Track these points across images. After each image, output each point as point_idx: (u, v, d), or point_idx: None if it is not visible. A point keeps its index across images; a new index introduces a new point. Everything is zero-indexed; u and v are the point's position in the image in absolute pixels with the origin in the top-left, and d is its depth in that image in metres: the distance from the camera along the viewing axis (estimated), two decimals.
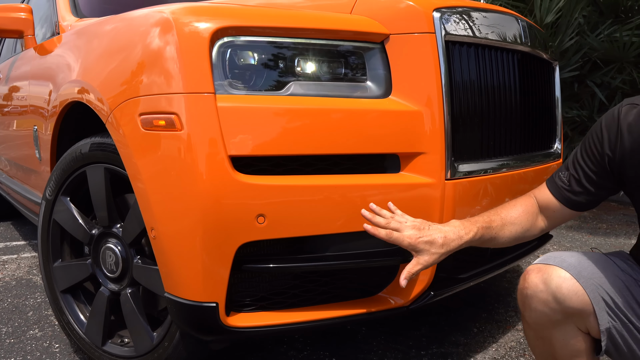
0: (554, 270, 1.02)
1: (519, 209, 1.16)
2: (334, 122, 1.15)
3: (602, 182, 1.08)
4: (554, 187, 1.14)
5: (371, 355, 1.70)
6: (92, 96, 1.36)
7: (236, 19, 1.15)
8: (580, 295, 0.99)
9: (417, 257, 1.09)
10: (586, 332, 1.04)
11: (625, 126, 1.02)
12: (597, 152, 1.07)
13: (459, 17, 1.33)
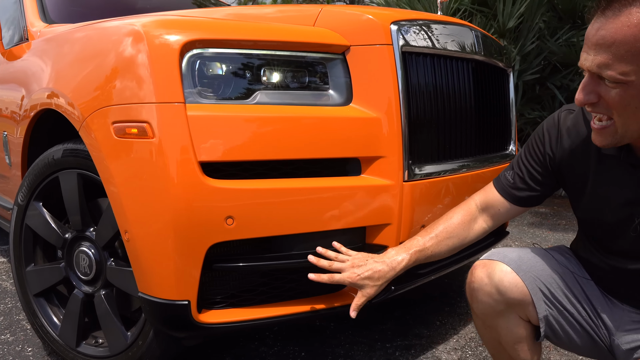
0: (496, 265, 1.11)
1: (454, 221, 1.25)
2: (298, 129, 1.23)
3: (544, 180, 1.18)
4: (500, 186, 1.23)
5: (339, 349, 1.78)
6: (64, 104, 1.40)
7: (205, 32, 1.21)
8: (520, 287, 1.09)
9: (361, 291, 1.22)
10: (527, 320, 1.14)
11: (565, 129, 1.12)
12: (539, 152, 1.17)
13: (415, 29, 1.43)
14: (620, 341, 1.09)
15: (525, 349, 1.14)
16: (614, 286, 1.12)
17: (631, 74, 0.84)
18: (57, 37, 1.64)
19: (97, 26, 1.39)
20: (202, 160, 1.16)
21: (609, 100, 0.89)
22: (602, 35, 0.85)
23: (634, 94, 0.86)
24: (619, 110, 0.89)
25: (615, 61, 0.85)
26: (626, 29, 0.83)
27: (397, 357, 1.73)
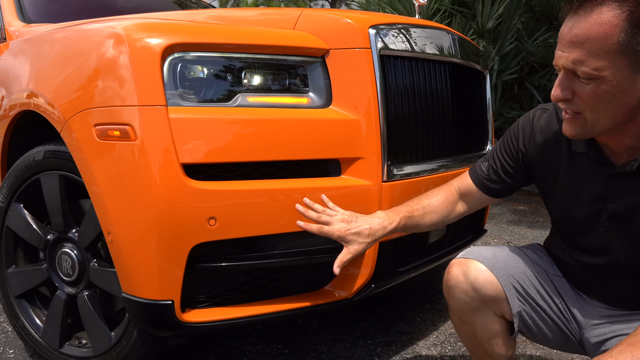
0: (472, 263, 1.16)
1: (440, 198, 1.29)
2: (279, 131, 1.26)
3: (516, 174, 1.23)
4: (475, 176, 1.28)
5: (321, 346, 1.81)
6: (45, 105, 1.40)
7: (186, 36, 1.23)
8: (494, 285, 1.13)
9: (347, 247, 1.20)
10: (501, 316, 1.18)
11: (538, 128, 1.17)
12: (513, 147, 1.22)
13: (393, 33, 1.46)
14: (590, 335, 1.14)
15: (500, 343, 1.19)
16: (584, 282, 1.17)
17: (604, 69, 0.89)
18: (37, 38, 1.64)
19: (78, 28, 1.40)
20: (185, 162, 1.18)
21: (583, 96, 0.93)
22: (576, 33, 0.90)
23: (607, 89, 0.90)
24: (591, 105, 0.93)
25: (588, 57, 0.89)
26: (597, 26, 0.88)
27: (378, 354, 1.77)
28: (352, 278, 1.40)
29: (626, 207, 1.03)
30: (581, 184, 1.09)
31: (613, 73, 0.89)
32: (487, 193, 1.27)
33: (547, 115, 1.17)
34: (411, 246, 1.66)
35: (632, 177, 1.01)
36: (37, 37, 1.63)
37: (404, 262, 1.61)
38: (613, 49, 0.88)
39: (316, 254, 1.34)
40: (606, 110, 0.93)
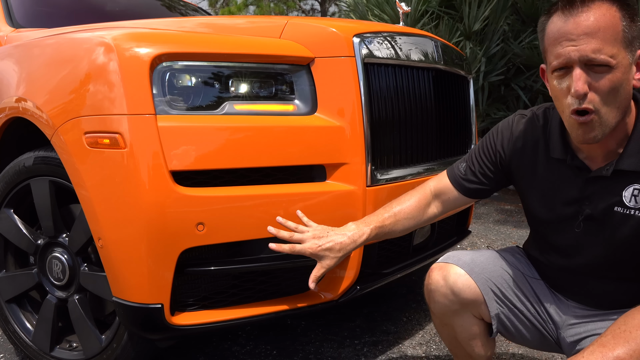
0: (451, 267, 1.20)
1: (412, 203, 1.30)
2: (265, 138, 1.29)
3: (493, 176, 1.26)
4: (452, 176, 1.31)
5: (309, 347, 1.85)
6: (36, 113, 1.42)
7: (174, 45, 1.26)
8: (473, 288, 1.18)
9: (320, 263, 1.25)
10: (480, 318, 1.22)
11: (517, 132, 1.21)
12: (492, 150, 1.25)
13: (378, 41, 1.50)
14: (566, 334, 1.18)
15: (479, 344, 1.23)
16: (560, 283, 1.22)
17: (616, 56, 0.94)
18: (27, 45, 1.65)
19: (68, 37, 1.42)
20: (173, 169, 1.21)
21: (600, 87, 0.95)
22: (587, 25, 0.94)
23: (619, 77, 0.95)
24: (605, 98, 0.95)
25: (604, 45, 0.93)
26: (604, 17, 0.94)
27: (365, 353, 1.81)
28: (338, 280, 1.44)
29: (601, 210, 1.07)
30: (558, 188, 1.14)
31: (621, 60, 0.95)
32: (464, 193, 1.29)
33: (526, 121, 1.21)
34: (396, 248, 1.70)
35: (607, 180, 1.05)
36: (27, 44, 1.65)
37: (389, 264, 1.65)
38: (620, 37, 0.94)
39: (303, 257, 1.38)
40: (616, 102, 0.96)
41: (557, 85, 1.00)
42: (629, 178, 1.03)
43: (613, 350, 0.91)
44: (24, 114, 1.50)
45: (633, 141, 1.02)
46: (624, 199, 1.04)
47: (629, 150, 1.02)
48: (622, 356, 0.90)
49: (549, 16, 1.01)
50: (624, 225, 1.05)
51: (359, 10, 5.70)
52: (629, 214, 1.04)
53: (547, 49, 1.02)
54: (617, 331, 0.94)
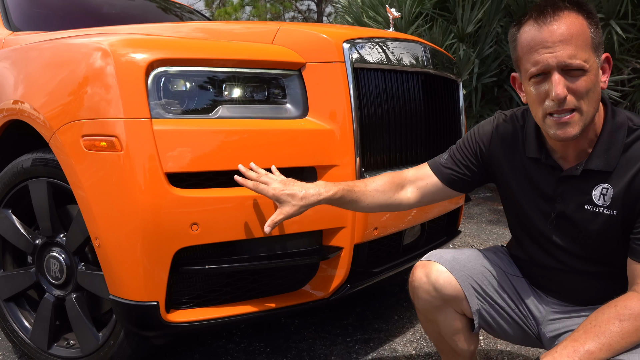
0: (433, 265, 1.24)
1: (385, 179, 1.31)
2: (258, 141, 1.33)
3: (473, 168, 1.29)
4: (433, 164, 1.33)
5: (302, 344, 1.89)
6: (34, 116, 1.46)
7: (169, 51, 1.30)
8: (454, 285, 1.22)
9: (280, 208, 1.24)
10: (462, 314, 1.27)
11: (497, 130, 1.26)
12: (473, 143, 1.29)
13: (368, 46, 1.54)
14: (546, 330, 1.23)
15: (462, 339, 1.28)
16: (538, 280, 1.27)
17: (589, 60, 1.00)
18: (25, 50, 1.68)
19: (66, 42, 1.46)
20: (168, 171, 1.25)
21: (578, 89, 1.00)
22: (562, 33, 0.99)
23: (592, 79, 1.01)
24: (585, 97, 1.01)
25: (578, 51, 0.99)
26: (574, 25, 1.00)
27: (356, 350, 1.85)
28: (329, 279, 1.48)
29: (572, 208, 1.13)
30: (533, 186, 1.19)
31: (592, 64, 1.01)
32: (443, 179, 1.30)
33: (506, 121, 1.26)
34: (386, 247, 1.74)
35: (577, 179, 1.11)
36: (25, 48, 1.68)
37: (379, 263, 1.69)
38: (589, 43, 1.00)
39: (294, 257, 1.42)
40: (592, 102, 1.02)
41: (534, 91, 1.05)
42: (597, 177, 1.08)
43: (584, 345, 0.96)
44: (22, 116, 1.54)
45: (600, 142, 1.07)
46: (594, 197, 1.09)
47: (596, 151, 1.07)
48: (592, 349, 0.95)
49: (519, 26, 1.06)
50: (594, 222, 1.10)
51: (354, 11, 5.75)
52: (598, 211, 1.09)
53: (521, 57, 1.06)
54: (588, 326, 0.99)
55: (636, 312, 0.98)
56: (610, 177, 1.07)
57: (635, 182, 1.03)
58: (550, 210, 1.17)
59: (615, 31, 3.73)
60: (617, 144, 1.06)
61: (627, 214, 1.06)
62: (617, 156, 1.05)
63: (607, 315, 0.99)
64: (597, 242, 1.12)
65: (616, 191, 1.06)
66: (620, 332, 0.97)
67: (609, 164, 1.06)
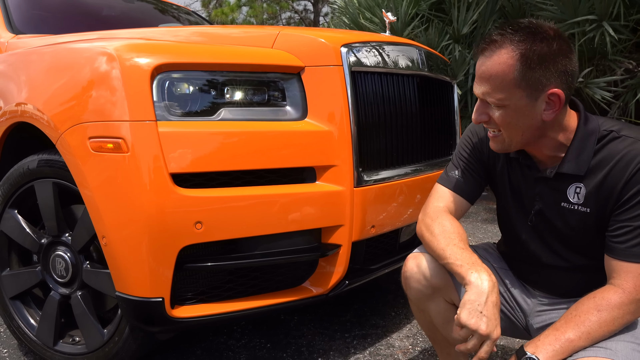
0: (424, 256, 1.30)
1: (451, 218, 1.27)
2: (258, 142, 1.38)
3: (481, 171, 1.32)
4: (454, 186, 1.31)
5: (301, 340, 1.94)
6: (41, 119, 1.50)
7: (173, 56, 1.35)
8: (443, 274, 1.27)
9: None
10: (452, 303, 1.32)
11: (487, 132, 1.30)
12: (472, 148, 1.32)
13: (365, 50, 1.59)
14: (533, 322, 1.29)
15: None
16: (524, 274, 1.33)
17: (505, 100, 1.07)
18: (30, 54, 1.72)
19: (71, 47, 1.50)
20: (173, 171, 1.30)
21: (496, 119, 1.11)
22: (483, 71, 1.09)
23: (511, 114, 1.09)
24: (503, 127, 1.12)
25: (493, 90, 1.08)
26: (497, 66, 1.07)
27: (354, 346, 1.90)
28: (328, 275, 1.53)
29: (549, 206, 1.19)
30: (515, 185, 1.26)
31: (514, 102, 1.08)
32: (468, 199, 1.32)
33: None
34: (383, 245, 1.79)
35: (551, 180, 1.18)
36: (30, 53, 1.72)
37: (376, 260, 1.74)
38: (511, 84, 1.07)
39: (294, 254, 1.47)
40: (516, 130, 1.11)
41: None
42: (569, 179, 1.15)
43: (565, 333, 1.02)
44: (29, 118, 1.58)
45: (572, 148, 1.13)
46: (569, 195, 1.16)
47: (568, 156, 1.14)
48: (572, 338, 1.02)
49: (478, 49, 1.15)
50: (570, 219, 1.17)
51: (350, 12, 5.79)
52: (573, 209, 1.16)
53: None
54: (568, 317, 1.05)
55: (613, 303, 1.04)
56: (583, 177, 1.13)
57: (606, 183, 1.10)
58: (529, 208, 1.23)
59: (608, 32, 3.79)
60: (588, 149, 1.12)
61: (599, 211, 1.12)
62: (588, 160, 1.12)
63: (586, 306, 1.05)
64: (574, 238, 1.18)
65: (588, 190, 1.12)
66: (598, 321, 1.03)
67: (579, 168, 1.12)
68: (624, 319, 1.04)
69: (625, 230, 1.07)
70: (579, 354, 1.02)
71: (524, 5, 4.86)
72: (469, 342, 1.05)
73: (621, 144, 1.09)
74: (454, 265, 1.14)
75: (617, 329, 1.04)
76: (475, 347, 1.05)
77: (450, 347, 1.39)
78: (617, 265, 1.07)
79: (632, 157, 1.07)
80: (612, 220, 1.10)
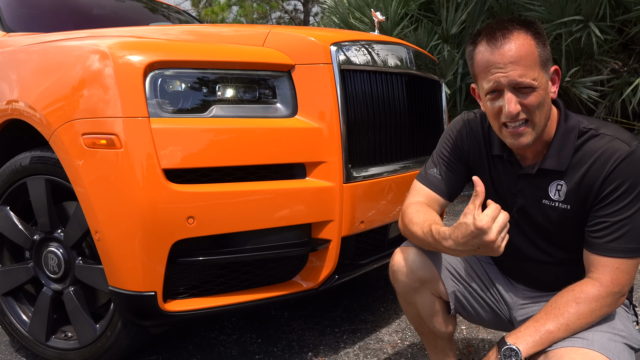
0: (411, 249, 1.33)
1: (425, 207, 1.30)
2: (249, 139, 1.41)
3: (460, 170, 1.34)
4: (433, 185, 1.34)
5: (292, 335, 1.96)
6: (34, 116, 1.52)
7: (166, 54, 1.37)
8: (429, 266, 1.31)
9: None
10: (439, 296, 1.36)
11: (469, 131, 1.32)
12: (453, 146, 1.34)
13: (354, 49, 1.62)
14: (517, 314, 1.33)
15: (440, 321, 1.36)
16: (507, 268, 1.37)
17: (537, 79, 1.09)
18: (23, 51, 1.73)
19: (64, 45, 1.51)
20: (165, 167, 1.32)
21: (530, 103, 1.09)
22: (513, 55, 1.08)
23: (542, 94, 1.10)
24: (534, 110, 1.10)
25: (527, 71, 1.08)
26: (523, 47, 1.08)
27: (344, 340, 1.93)
28: (318, 270, 1.56)
29: (531, 202, 1.23)
30: (497, 182, 1.29)
31: (541, 80, 1.10)
32: (447, 197, 1.35)
33: (473, 122, 1.34)
34: (372, 241, 1.82)
35: (533, 177, 1.21)
36: (23, 50, 1.73)
37: (365, 256, 1.77)
38: (536, 62, 1.09)
39: (284, 248, 1.50)
40: (542, 113, 1.12)
41: (490, 105, 1.14)
42: (551, 175, 1.18)
43: (544, 325, 1.06)
44: (21, 115, 1.59)
45: (554, 144, 1.16)
46: (550, 192, 1.19)
47: (550, 152, 1.17)
48: (552, 329, 1.06)
49: (475, 46, 1.15)
50: (551, 216, 1.20)
51: (340, 12, 5.83)
52: (554, 206, 1.19)
53: (478, 75, 1.16)
54: (548, 309, 1.09)
55: (591, 295, 1.08)
56: (563, 175, 1.16)
57: (585, 180, 1.13)
58: (512, 204, 1.26)
59: (594, 33, 3.85)
60: (568, 145, 1.15)
61: (579, 208, 1.16)
62: (569, 156, 1.15)
63: (565, 298, 1.09)
64: (555, 234, 1.22)
65: (569, 187, 1.16)
66: (576, 313, 1.07)
67: (561, 164, 1.16)
68: (601, 311, 1.08)
69: (604, 225, 1.11)
70: (557, 344, 1.06)
71: (512, 6, 4.91)
72: (489, 232, 1.04)
73: (600, 141, 1.13)
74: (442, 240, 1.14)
75: (594, 321, 1.08)
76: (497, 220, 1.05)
77: (437, 339, 1.42)
78: (595, 260, 1.11)
79: (610, 155, 1.10)
80: (591, 216, 1.13)
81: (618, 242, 1.09)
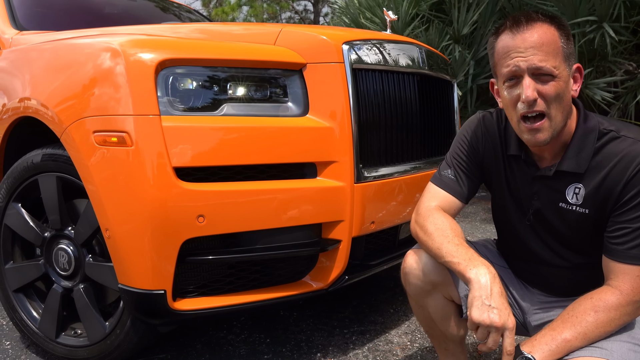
0: (423, 252, 1.30)
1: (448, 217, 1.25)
2: (260, 137, 1.40)
3: (476, 172, 1.31)
4: (449, 188, 1.31)
5: (301, 335, 1.95)
6: (46, 113, 1.52)
7: (177, 51, 1.36)
8: (442, 270, 1.28)
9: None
10: (451, 299, 1.33)
11: (484, 131, 1.30)
12: (468, 147, 1.31)
13: (366, 48, 1.61)
14: (531, 319, 1.30)
15: (452, 324, 1.34)
16: (522, 272, 1.34)
17: (558, 67, 1.06)
18: (35, 50, 1.74)
19: (76, 42, 1.52)
20: (176, 165, 1.32)
21: (547, 93, 1.05)
22: (534, 40, 1.06)
23: (561, 85, 1.06)
24: (553, 101, 1.06)
25: (549, 57, 1.05)
26: (545, 35, 1.06)
27: (353, 341, 1.92)
28: (328, 270, 1.55)
29: (547, 205, 1.20)
30: (513, 184, 1.26)
31: (562, 72, 1.07)
32: (462, 199, 1.31)
33: (489, 121, 1.31)
34: (382, 242, 1.81)
35: (551, 179, 1.18)
36: (35, 48, 1.74)
37: (375, 256, 1.76)
38: (559, 51, 1.07)
39: (294, 248, 1.49)
40: (561, 107, 1.08)
41: (508, 95, 1.11)
42: (569, 178, 1.15)
43: (561, 333, 1.03)
44: (34, 113, 1.60)
45: (572, 145, 1.13)
46: (567, 196, 1.16)
47: (569, 153, 1.13)
48: (569, 338, 1.03)
49: (497, 36, 1.13)
50: (567, 220, 1.17)
51: (351, 12, 5.81)
52: (571, 209, 1.16)
53: (497, 62, 1.13)
54: (565, 317, 1.06)
55: (610, 304, 1.04)
56: (582, 177, 1.13)
57: (605, 184, 1.10)
58: (527, 207, 1.23)
59: (608, 34, 3.81)
60: (588, 147, 1.12)
61: (598, 213, 1.12)
62: (588, 159, 1.11)
63: (583, 306, 1.06)
64: (572, 238, 1.19)
65: (588, 191, 1.12)
66: (595, 322, 1.03)
67: (580, 166, 1.12)
68: (620, 320, 1.05)
69: (624, 232, 1.07)
70: (574, 353, 1.03)
71: (524, 6, 4.87)
72: (488, 340, 1.03)
73: (621, 144, 1.09)
74: (452, 264, 1.13)
75: (613, 330, 1.05)
76: (496, 342, 1.03)
77: (448, 342, 1.40)
78: (615, 267, 1.08)
79: (632, 158, 1.07)
80: (611, 222, 1.10)
81: (639, 248, 1.06)
